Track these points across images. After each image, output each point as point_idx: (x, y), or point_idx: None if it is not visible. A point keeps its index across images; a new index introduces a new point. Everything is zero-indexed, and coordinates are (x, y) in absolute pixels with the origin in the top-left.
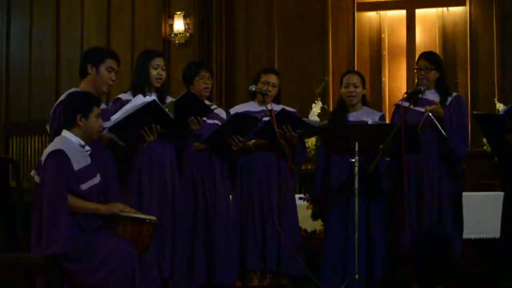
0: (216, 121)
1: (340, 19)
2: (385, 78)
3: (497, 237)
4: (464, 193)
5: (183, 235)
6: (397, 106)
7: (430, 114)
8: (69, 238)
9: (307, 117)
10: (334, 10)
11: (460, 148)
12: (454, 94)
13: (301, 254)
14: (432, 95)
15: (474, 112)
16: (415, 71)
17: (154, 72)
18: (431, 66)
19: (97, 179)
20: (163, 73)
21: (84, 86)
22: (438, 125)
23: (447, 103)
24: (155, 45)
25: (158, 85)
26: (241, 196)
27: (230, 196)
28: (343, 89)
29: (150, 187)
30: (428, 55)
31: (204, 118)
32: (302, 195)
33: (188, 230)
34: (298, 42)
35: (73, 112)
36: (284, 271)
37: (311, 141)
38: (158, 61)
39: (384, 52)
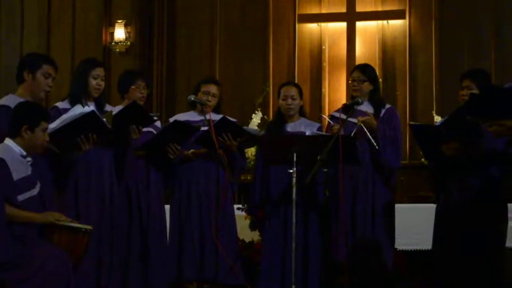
0: (150, 129)
1: (281, 30)
2: (325, 90)
3: None
4: (402, 205)
5: (120, 245)
6: (332, 117)
7: (362, 125)
8: (6, 246)
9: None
10: (276, 22)
11: (391, 160)
12: (388, 106)
13: (239, 264)
14: (365, 107)
15: (411, 122)
16: (349, 82)
17: (93, 82)
18: (364, 78)
19: (35, 191)
20: (102, 83)
21: (21, 92)
22: (370, 137)
23: (381, 115)
24: (96, 53)
25: (96, 95)
26: (179, 205)
27: (167, 206)
28: (281, 102)
29: (87, 195)
30: (362, 67)
31: None
32: (240, 205)
33: (123, 240)
34: (240, 52)
35: (19, 122)
36: (221, 281)
37: (251, 152)
38: (98, 71)
39: (324, 64)
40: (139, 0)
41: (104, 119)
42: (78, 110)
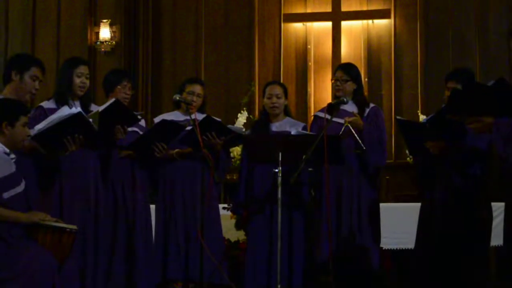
0: (135, 129)
1: (266, 30)
2: (311, 89)
3: None
4: (387, 204)
5: (105, 245)
6: (316, 117)
7: (350, 126)
8: None
9: None
10: (261, 21)
11: (377, 159)
12: (372, 105)
13: (224, 263)
14: (350, 107)
15: (397, 117)
16: (332, 81)
17: (77, 80)
18: (347, 78)
19: (20, 188)
20: (87, 81)
21: (7, 92)
22: (357, 137)
23: (365, 115)
24: (81, 53)
25: (81, 93)
26: (164, 204)
27: (152, 206)
28: (266, 100)
29: (72, 196)
30: (344, 67)
31: None
32: (225, 205)
33: (108, 240)
34: (225, 52)
35: None
36: (207, 281)
37: (236, 151)
38: (82, 69)
39: (310, 63)
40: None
41: (90, 119)
42: (66, 111)
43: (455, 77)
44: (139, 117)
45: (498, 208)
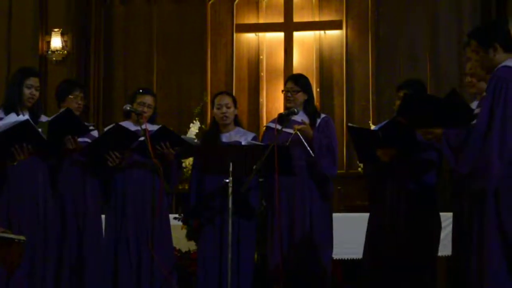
0: (86, 139)
1: (219, 40)
2: (263, 99)
3: None
4: (338, 214)
5: (54, 255)
6: (267, 128)
7: (298, 133)
8: None
9: None
10: (214, 31)
11: (328, 168)
12: (323, 115)
13: (175, 274)
14: (300, 117)
15: (349, 124)
16: (283, 93)
17: (27, 92)
18: (298, 89)
19: None
20: (36, 93)
21: None
22: (306, 145)
23: (316, 125)
24: (32, 62)
25: (30, 104)
26: (115, 214)
27: (103, 216)
28: (215, 111)
29: (20, 205)
30: (295, 78)
31: None
32: (177, 215)
33: (57, 249)
34: (177, 62)
35: None
36: None
37: (188, 161)
38: (33, 81)
39: (262, 74)
40: (75, 9)
41: (40, 129)
42: (13, 119)
43: (406, 86)
44: (91, 128)
45: (447, 218)
